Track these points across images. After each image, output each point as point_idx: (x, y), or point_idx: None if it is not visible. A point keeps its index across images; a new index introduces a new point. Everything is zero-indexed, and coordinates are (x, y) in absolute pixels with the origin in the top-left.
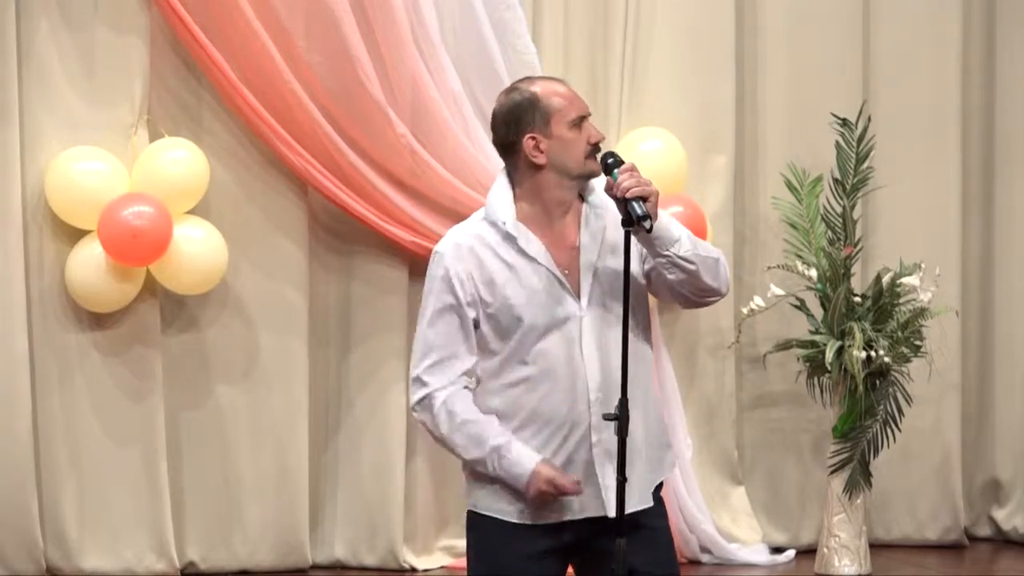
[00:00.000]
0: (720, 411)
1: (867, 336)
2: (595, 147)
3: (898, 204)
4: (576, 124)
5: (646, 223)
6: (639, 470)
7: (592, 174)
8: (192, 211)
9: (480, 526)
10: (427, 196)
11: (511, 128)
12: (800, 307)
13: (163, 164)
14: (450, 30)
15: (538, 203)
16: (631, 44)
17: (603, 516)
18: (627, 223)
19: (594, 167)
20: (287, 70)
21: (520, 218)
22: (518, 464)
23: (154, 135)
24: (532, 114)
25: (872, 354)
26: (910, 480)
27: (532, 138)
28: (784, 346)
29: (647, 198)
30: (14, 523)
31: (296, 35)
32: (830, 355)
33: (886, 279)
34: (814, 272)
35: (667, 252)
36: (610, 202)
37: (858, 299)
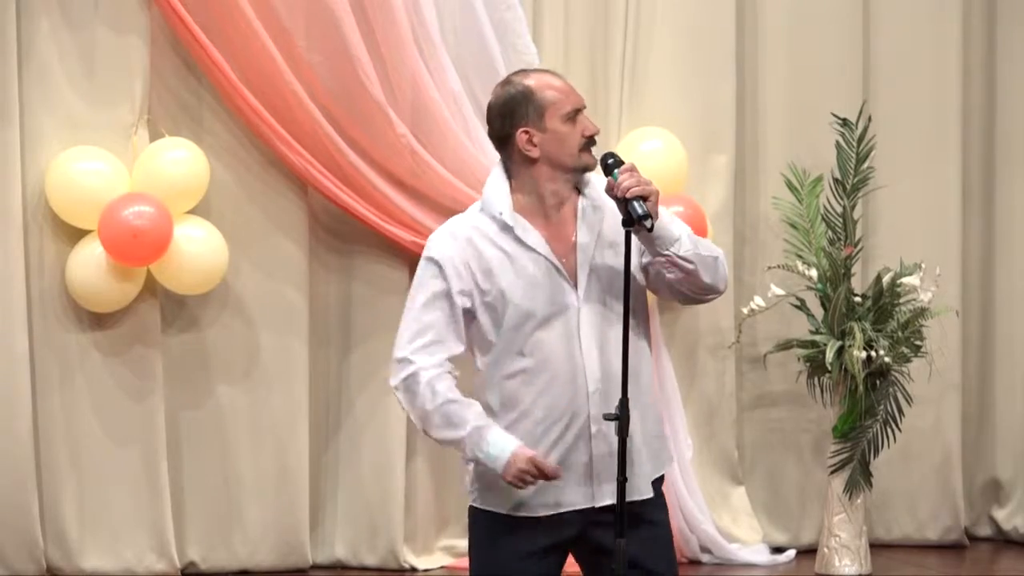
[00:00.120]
0: (720, 411)
1: (867, 336)
2: (590, 140)
3: (898, 204)
4: (570, 117)
5: (647, 222)
6: (639, 465)
7: (587, 167)
8: (192, 211)
9: (481, 521)
10: (427, 196)
11: (505, 121)
12: (800, 307)
13: (163, 164)
14: (450, 30)
15: (533, 195)
16: (631, 44)
17: (602, 507)
18: (628, 223)
19: (589, 160)
20: (287, 70)
21: (516, 209)
22: (496, 445)
23: (154, 135)
24: (526, 107)
25: (872, 354)
26: (910, 480)
27: (525, 132)
28: (784, 346)
29: (647, 197)
30: (14, 523)
31: (296, 35)
32: (830, 355)
33: (886, 279)
34: (814, 272)
35: (667, 252)
36: (608, 198)
37: (858, 299)
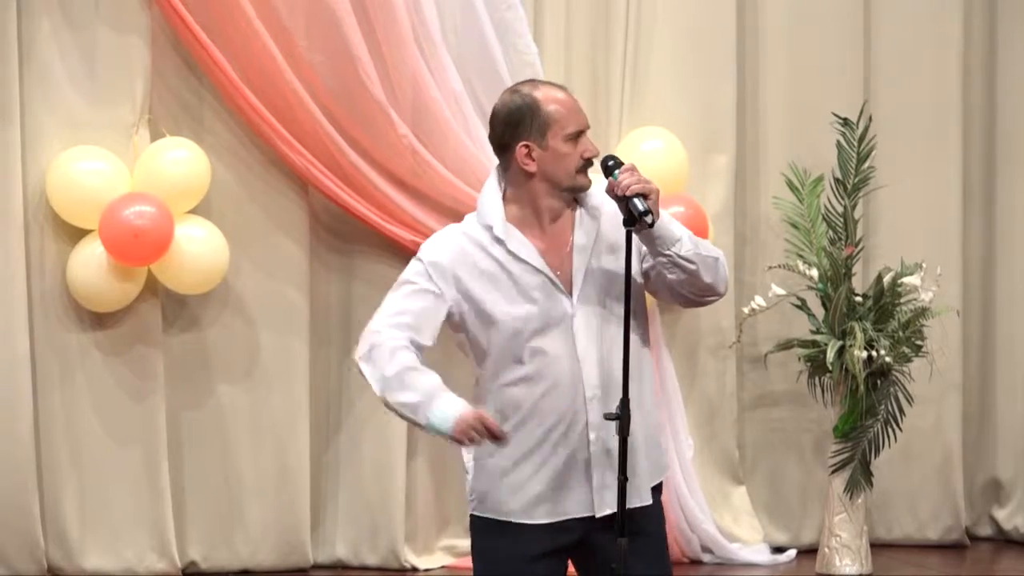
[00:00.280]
0: (721, 411)
1: (868, 336)
2: (588, 162)
3: (899, 204)
4: (573, 137)
5: (648, 218)
6: (638, 468)
7: (581, 188)
8: (193, 211)
9: (483, 529)
10: (428, 196)
11: (508, 131)
12: (801, 307)
13: (164, 164)
14: (451, 30)
15: (528, 207)
16: (632, 44)
17: (601, 515)
18: (629, 222)
19: (584, 182)
20: (288, 70)
21: (510, 219)
22: (448, 407)
23: (155, 135)
24: (530, 122)
25: (873, 354)
26: (911, 480)
27: (525, 146)
28: (785, 346)
29: (648, 195)
30: (15, 523)
31: (297, 35)
32: (831, 355)
33: (887, 279)
34: (815, 272)
35: (668, 252)
36: (605, 204)
37: (859, 299)
